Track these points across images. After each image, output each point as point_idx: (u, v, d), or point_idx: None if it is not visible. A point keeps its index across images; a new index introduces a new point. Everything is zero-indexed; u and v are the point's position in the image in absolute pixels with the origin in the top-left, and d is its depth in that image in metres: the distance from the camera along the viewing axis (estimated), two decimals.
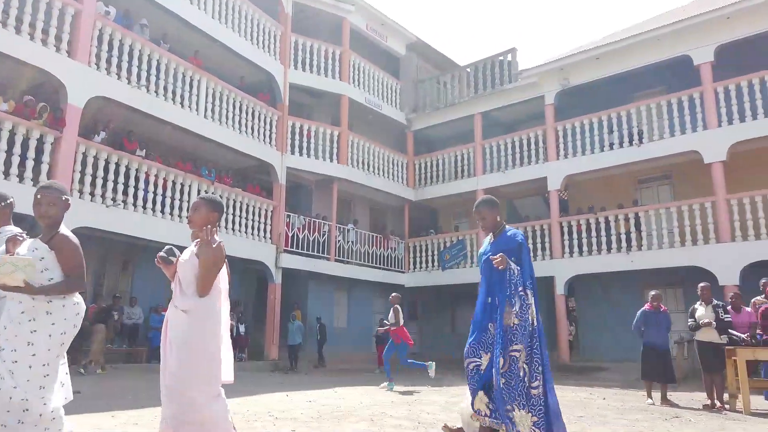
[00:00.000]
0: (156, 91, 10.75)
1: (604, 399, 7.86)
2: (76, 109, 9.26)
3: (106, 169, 9.69)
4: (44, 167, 8.69)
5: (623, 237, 12.98)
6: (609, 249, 13.20)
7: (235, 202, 12.41)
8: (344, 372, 12.89)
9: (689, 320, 7.31)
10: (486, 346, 3.67)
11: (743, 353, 6.62)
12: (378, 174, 16.22)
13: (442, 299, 18.01)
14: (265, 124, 13.66)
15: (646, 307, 7.60)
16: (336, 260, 14.77)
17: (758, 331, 7.02)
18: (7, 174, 8.24)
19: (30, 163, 8.56)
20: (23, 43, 8.59)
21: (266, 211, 13.37)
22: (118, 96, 9.98)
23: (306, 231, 14.10)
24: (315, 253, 14.25)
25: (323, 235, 14.57)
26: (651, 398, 7.51)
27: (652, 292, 7.71)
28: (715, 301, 7.22)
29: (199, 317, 2.92)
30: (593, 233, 13.47)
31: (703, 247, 11.83)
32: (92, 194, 9.49)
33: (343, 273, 14.85)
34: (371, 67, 16.67)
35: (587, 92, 14.59)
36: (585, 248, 13.56)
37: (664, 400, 7.28)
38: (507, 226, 3.91)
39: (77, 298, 2.95)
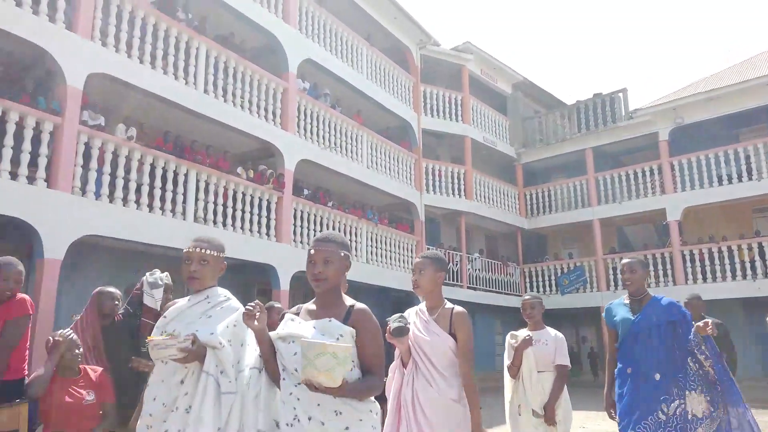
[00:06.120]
0: (337, 150, 12.52)
1: None
2: (290, 172, 11.04)
3: (308, 221, 11.45)
4: (272, 222, 10.51)
5: (747, 265, 13.92)
6: (734, 276, 14.12)
7: (390, 240, 14.03)
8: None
9: None
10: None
11: None
12: (494, 205, 17.60)
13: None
14: (407, 167, 15.27)
15: None
16: (468, 287, 16.19)
17: None
18: (242, 229, 9.95)
19: (264, 221, 10.36)
20: (245, 116, 10.39)
21: (410, 245, 14.95)
22: (316, 158, 11.75)
23: None
24: (449, 282, 15.68)
25: (456, 264, 16.02)
26: None
27: None
28: None
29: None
30: (716, 261, 14.42)
31: None
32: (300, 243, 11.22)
33: (473, 299, 16.21)
34: (486, 108, 18.13)
35: (700, 128, 15.61)
36: (709, 276, 14.52)
37: None
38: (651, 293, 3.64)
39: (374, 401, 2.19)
